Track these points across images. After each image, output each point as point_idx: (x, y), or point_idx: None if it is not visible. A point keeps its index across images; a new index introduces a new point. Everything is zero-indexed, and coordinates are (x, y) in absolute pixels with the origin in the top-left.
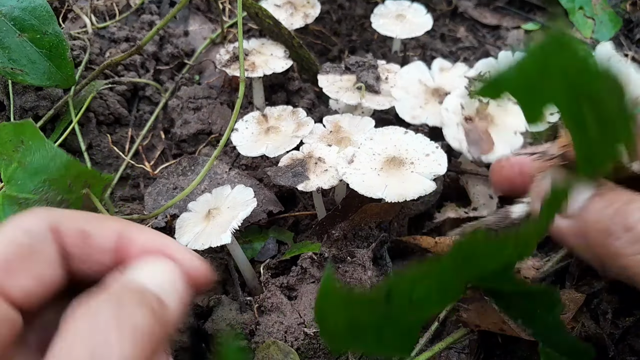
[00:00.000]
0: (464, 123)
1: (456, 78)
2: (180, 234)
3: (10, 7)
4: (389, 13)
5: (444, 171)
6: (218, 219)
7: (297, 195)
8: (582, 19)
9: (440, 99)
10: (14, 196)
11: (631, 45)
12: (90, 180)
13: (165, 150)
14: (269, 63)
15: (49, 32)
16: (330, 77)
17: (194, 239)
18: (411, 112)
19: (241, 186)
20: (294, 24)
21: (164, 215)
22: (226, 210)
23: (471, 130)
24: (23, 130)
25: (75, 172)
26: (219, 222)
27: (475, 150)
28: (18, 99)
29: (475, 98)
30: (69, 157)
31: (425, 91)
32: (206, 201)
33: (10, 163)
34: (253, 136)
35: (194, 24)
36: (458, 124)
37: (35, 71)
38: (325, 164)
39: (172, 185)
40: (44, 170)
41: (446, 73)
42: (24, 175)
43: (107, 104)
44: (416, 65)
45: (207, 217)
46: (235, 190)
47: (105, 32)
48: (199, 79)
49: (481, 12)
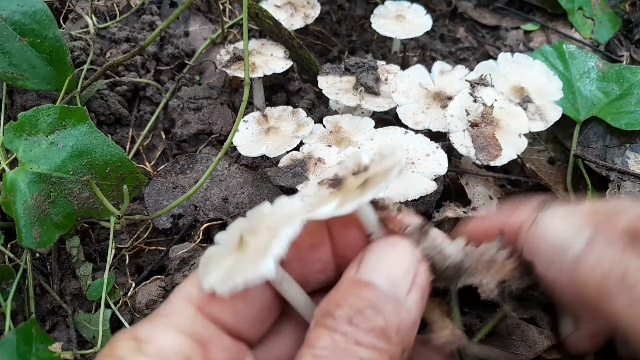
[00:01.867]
0: (470, 129)
1: (457, 81)
2: (205, 272)
3: (11, 12)
4: (388, 14)
5: (444, 171)
6: (254, 245)
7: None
8: (581, 20)
9: (442, 103)
10: (43, 174)
11: (630, 46)
12: (126, 174)
13: (166, 150)
14: (269, 63)
15: (49, 37)
16: (330, 78)
17: (224, 277)
18: (413, 117)
19: (283, 197)
20: (294, 24)
21: (168, 215)
22: (265, 232)
23: (478, 136)
24: (71, 114)
25: (118, 161)
26: (256, 246)
27: (484, 156)
28: (19, 97)
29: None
30: (116, 146)
31: (427, 95)
32: (237, 226)
33: (39, 143)
34: (253, 136)
35: (195, 24)
36: (464, 129)
37: (35, 76)
38: (325, 165)
39: (171, 184)
40: (88, 154)
41: (446, 76)
42: (59, 156)
43: (108, 104)
44: (416, 69)
45: (240, 245)
46: (276, 204)
47: (105, 32)
48: (199, 79)
49: (481, 12)
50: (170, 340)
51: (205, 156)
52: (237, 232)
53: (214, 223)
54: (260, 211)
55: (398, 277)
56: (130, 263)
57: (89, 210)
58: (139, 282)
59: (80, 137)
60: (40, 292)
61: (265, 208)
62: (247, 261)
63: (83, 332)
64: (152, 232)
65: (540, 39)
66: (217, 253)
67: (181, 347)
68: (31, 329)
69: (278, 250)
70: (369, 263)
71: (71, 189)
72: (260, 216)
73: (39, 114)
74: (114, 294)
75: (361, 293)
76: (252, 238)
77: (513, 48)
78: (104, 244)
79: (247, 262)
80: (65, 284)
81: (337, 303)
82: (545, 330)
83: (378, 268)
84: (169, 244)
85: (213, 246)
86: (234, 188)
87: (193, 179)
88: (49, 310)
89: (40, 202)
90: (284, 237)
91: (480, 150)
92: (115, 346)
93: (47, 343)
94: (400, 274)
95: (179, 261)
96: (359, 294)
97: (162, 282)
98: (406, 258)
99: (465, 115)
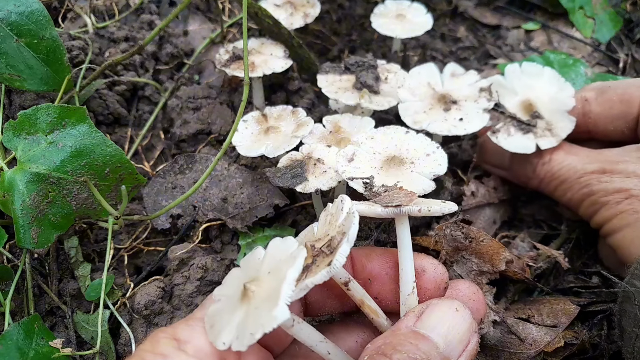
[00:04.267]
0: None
1: (466, 86)
2: (215, 334)
3: (7, 12)
4: (389, 13)
5: (444, 171)
6: (260, 293)
7: (297, 194)
8: (582, 19)
9: (445, 106)
10: (42, 174)
11: (631, 45)
12: (125, 175)
13: (165, 150)
14: (268, 63)
15: (46, 37)
16: (330, 77)
17: (238, 333)
18: (414, 116)
19: (276, 239)
20: (293, 23)
21: (167, 215)
22: (268, 277)
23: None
24: (70, 114)
25: (118, 162)
26: (264, 294)
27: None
28: (17, 97)
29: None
30: (116, 146)
31: (432, 96)
32: (236, 277)
33: (37, 143)
34: (253, 136)
35: (194, 23)
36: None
37: (32, 76)
38: (324, 165)
39: (170, 184)
40: (87, 154)
41: (457, 79)
42: (58, 156)
43: (107, 103)
44: (428, 67)
45: (244, 296)
46: (271, 247)
47: (104, 31)
48: (198, 78)
49: (481, 11)
50: (206, 341)
51: (205, 156)
52: (236, 283)
53: (213, 223)
54: (255, 257)
55: (454, 341)
56: (129, 263)
57: (88, 210)
58: (137, 282)
59: (80, 137)
60: (38, 292)
61: (258, 253)
62: (258, 311)
63: (82, 333)
64: (151, 233)
65: (541, 39)
66: (221, 310)
67: (217, 349)
68: (33, 324)
69: (288, 293)
70: (431, 319)
71: (69, 189)
72: (256, 262)
73: (38, 113)
74: (113, 295)
75: (419, 344)
76: (256, 286)
77: (514, 47)
78: (102, 245)
79: (260, 312)
80: (64, 284)
81: (394, 346)
82: (544, 327)
83: (438, 327)
84: (168, 245)
85: (214, 304)
86: (233, 188)
87: (192, 179)
88: (48, 310)
89: (39, 202)
90: (291, 278)
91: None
92: (157, 344)
93: (48, 338)
94: (457, 338)
95: (178, 262)
96: (416, 345)
97: (161, 282)
98: (465, 327)
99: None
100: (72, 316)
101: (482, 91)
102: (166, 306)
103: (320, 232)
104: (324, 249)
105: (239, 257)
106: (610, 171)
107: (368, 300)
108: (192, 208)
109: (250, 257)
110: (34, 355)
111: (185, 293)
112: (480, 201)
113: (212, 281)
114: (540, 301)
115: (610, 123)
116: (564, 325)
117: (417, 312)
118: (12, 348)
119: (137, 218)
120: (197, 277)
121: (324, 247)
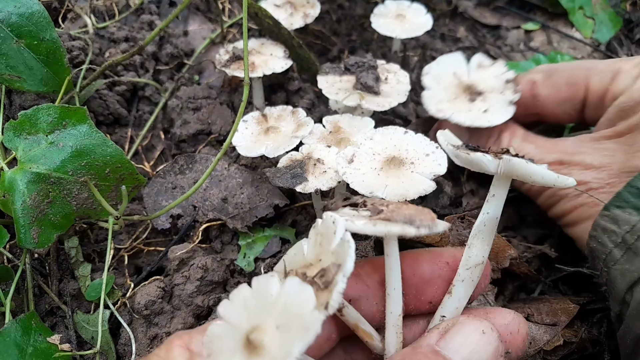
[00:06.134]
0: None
1: (492, 77)
2: None
3: (8, 13)
4: (388, 13)
5: (444, 171)
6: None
7: (297, 194)
8: (582, 19)
9: (470, 97)
10: (42, 174)
11: (631, 45)
12: (125, 175)
13: (165, 150)
14: (268, 63)
15: (46, 38)
16: (330, 77)
17: None
18: (438, 104)
19: (295, 281)
20: (293, 23)
21: (167, 216)
22: (274, 334)
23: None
24: (71, 114)
25: (118, 162)
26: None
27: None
28: (18, 97)
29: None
30: (116, 146)
31: (458, 85)
32: (244, 307)
33: (38, 143)
34: (253, 136)
35: (194, 24)
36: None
37: (32, 78)
38: (324, 165)
39: (170, 184)
40: (87, 154)
41: (483, 70)
42: (59, 156)
43: (107, 104)
44: (454, 56)
45: (247, 346)
46: (287, 290)
47: (104, 32)
48: (198, 79)
49: (481, 12)
50: None
51: (205, 156)
52: (242, 315)
53: (213, 223)
54: (268, 292)
55: None
56: (129, 263)
57: (88, 210)
58: (137, 282)
59: (80, 137)
60: (39, 292)
61: (272, 287)
62: None
63: (82, 333)
64: (151, 233)
65: (541, 39)
66: (222, 341)
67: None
68: (31, 321)
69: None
70: (455, 339)
71: (70, 189)
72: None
73: (39, 113)
74: (113, 295)
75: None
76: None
77: (514, 47)
78: (102, 245)
79: None
80: (64, 284)
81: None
82: (544, 326)
83: (461, 350)
84: (168, 245)
85: (215, 322)
86: (233, 188)
87: (192, 179)
88: (48, 310)
89: (39, 202)
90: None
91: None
92: (171, 352)
93: (46, 335)
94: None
95: (178, 262)
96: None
97: (161, 282)
98: (490, 351)
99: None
100: (72, 316)
101: (508, 83)
102: (166, 306)
103: (310, 255)
104: (317, 279)
105: (239, 257)
106: (568, 163)
107: (362, 324)
108: (192, 208)
109: (264, 286)
110: (33, 352)
111: (185, 293)
112: (481, 202)
113: (212, 281)
114: (539, 300)
115: (558, 106)
116: (563, 323)
117: (441, 330)
118: (10, 345)
119: (137, 218)
120: (197, 277)
121: (317, 277)
